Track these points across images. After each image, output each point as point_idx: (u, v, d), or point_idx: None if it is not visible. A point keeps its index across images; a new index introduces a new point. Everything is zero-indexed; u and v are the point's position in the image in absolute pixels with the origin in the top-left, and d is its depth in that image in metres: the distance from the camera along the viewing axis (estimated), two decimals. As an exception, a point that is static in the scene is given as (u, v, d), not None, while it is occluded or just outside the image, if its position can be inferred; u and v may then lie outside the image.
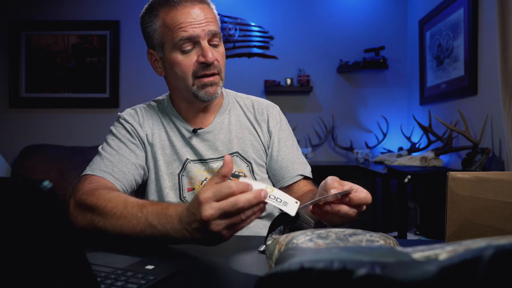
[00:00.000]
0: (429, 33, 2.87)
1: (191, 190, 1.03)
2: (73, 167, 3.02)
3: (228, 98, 1.13)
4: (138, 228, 0.71)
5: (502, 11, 1.79)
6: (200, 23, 0.94)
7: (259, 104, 1.14)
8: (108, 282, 0.58)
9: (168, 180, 1.02)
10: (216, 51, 0.97)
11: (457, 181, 0.80)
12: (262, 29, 3.35)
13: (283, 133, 1.12)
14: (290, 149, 1.11)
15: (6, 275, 0.43)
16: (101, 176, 0.92)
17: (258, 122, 1.11)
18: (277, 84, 3.25)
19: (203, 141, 1.05)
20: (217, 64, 0.98)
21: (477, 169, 1.91)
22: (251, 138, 1.09)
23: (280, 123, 1.13)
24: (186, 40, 0.94)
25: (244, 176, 1.05)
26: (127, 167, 0.97)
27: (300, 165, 1.10)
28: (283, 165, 1.09)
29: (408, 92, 3.34)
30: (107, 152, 0.98)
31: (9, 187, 0.40)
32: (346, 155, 3.36)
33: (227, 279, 0.63)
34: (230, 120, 1.09)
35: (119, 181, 0.94)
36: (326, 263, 0.37)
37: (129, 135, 1.02)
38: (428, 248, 0.41)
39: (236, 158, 1.06)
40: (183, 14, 0.94)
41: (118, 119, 1.06)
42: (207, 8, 0.98)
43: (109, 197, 0.78)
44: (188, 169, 1.03)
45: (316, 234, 0.54)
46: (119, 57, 3.35)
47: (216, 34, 0.97)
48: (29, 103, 3.35)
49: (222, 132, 1.07)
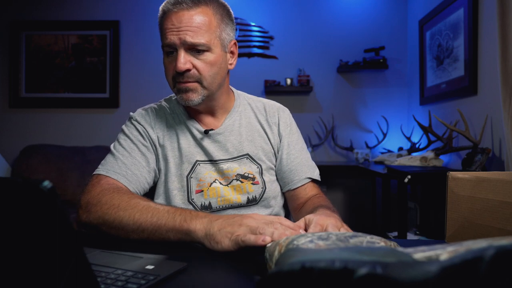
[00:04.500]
0: (429, 33, 2.87)
1: (199, 192, 1.02)
2: (73, 167, 3.01)
3: (239, 99, 1.14)
4: (155, 219, 0.79)
5: (502, 11, 1.79)
6: (179, 30, 0.93)
7: (270, 107, 1.15)
8: (108, 282, 0.57)
9: (176, 182, 1.03)
10: (198, 60, 0.95)
11: (457, 181, 0.80)
12: (262, 29, 3.34)
13: (293, 136, 1.14)
14: (299, 152, 1.12)
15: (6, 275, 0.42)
16: (115, 178, 0.94)
17: (269, 124, 1.12)
18: (277, 84, 3.25)
19: (214, 142, 1.05)
20: (194, 73, 0.96)
21: (477, 169, 1.91)
22: (261, 140, 1.10)
23: (290, 126, 1.14)
24: (166, 46, 0.96)
25: (253, 177, 1.06)
26: (139, 170, 0.99)
27: (308, 168, 1.12)
28: (292, 168, 1.10)
29: (408, 92, 3.34)
30: (120, 153, 0.99)
31: (9, 187, 0.40)
32: (346, 155, 3.36)
33: (227, 279, 0.63)
34: (240, 122, 1.10)
35: (133, 184, 0.96)
36: (327, 263, 0.37)
37: (141, 137, 1.03)
38: (429, 249, 0.41)
39: (246, 160, 1.06)
40: (169, 19, 0.95)
41: (130, 119, 1.07)
42: (198, 15, 0.94)
43: (129, 196, 0.86)
44: (197, 171, 1.03)
45: (316, 236, 0.54)
46: (119, 57, 3.35)
47: (194, 44, 0.93)
48: (29, 103, 3.35)
49: (233, 134, 1.07)
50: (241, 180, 1.04)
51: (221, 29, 0.98)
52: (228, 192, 1.03)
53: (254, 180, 1.05)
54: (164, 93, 1.15)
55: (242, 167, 1.05)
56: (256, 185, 1.06)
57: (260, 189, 1.06)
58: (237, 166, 1.05)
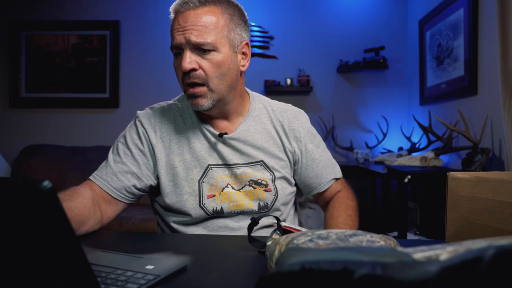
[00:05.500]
0: (429, 33, 2.87)
1: (211, 197, 1.01)
2: (73, 167, 3.01)
3: (255, 103, 1.10)
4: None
5: (502, 11, 1.79)
6: (184, 30, 0.92)
7: (288, 112, 1.12)
8: (108, 282, 0.57)
9: (187, 187, 1.01)
10: (204, 60, 0.93)
11: (457, 181, 0.80)
12: (262, 29, 3.35)
13: (314, 140, 1.13)
14: (322, 155, 1.13)
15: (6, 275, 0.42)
16: (98, 184, 0.99)
17: (285, 131, 1.09)
18: (277, 84, 3.25)
19: (228, 146, 1.03)
20: (200, 74, 0.93)
21: (477, 169, 1.91)
22: (275, 149, 1.07)
23: (310, 130, 1.13)
24: (173, 47, 0.95)
25: (266, 184, 1.04)
26: (127, 177, 1.00)
27: (332, 168, 1.14)
28: (318, 173, 1.11)
29: (408, 92, 3.34)
30: (112, 159, 1.02)
31: (9, 187, 0.40)
32: (346, 155, 3.36)
33: (227, 279, 0.63)
34: (256, 128, 1.06)
35: (117, 191, 1.00)
36: (327, 264, 0.37)
37: (139, 141, 1.03)
38: (429, 249, 0.41)
39: (260, 166, 1.04)
40: (176, 20, 0.94)
41: (135, 119, 1.06)
42: (205, 14, 0.92)
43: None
44: (209, 175, 1.02)
45: (316, 235, 0.54)
46: (119, 57, 3.35)
47: (199, 44, 0.91)
48: (29, 103, 3.35)
49: (248, 140, 1.04)
50: (254, 186, 1.03)
51: (229, 28, 0.95)
52: (240, 197, 1.02)
53: (267, 187, 1.03)
54: (164, 93, 1.15)
55: (256, 173, 1.03)
56: (269, 192, 1.03)
57: (272, 196, 1.04)
58: (251, 172, 1.03)
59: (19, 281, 0.42)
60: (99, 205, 0.96)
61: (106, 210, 0.98)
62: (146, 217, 2.56)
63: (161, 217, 1.08)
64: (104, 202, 0.99)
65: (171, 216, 1.04)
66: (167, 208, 1.03)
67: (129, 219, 2.51)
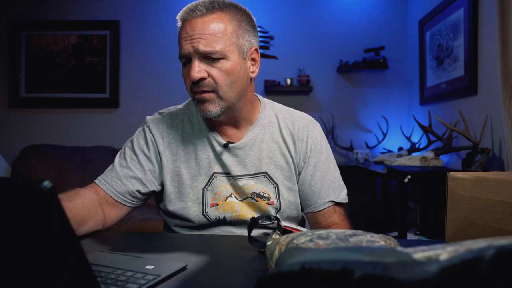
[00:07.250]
0: (429, 33, 2.87)
1: (214, 206, 1.00)
2: (73, 167, 3.01)
3: (265, 111, 1.07)
4: None
5: (502, 11, 1.79)
6: (192, 38, 0.90)
7: (300, 121, 1.07)
8: (108, 282, 0.58)
9: (192, 194, 1.00)
10: (213, 68, 0.91)
11: (457, 181, 0.80)
12: (262, 29, 3.34)
13: (321, 156, 1.06)
14: (325, 173, 1.05)
15: (6, 275, 0.42)
16: (103, 188, 1.00)
17: (294, 141, 1.05)
18: (277, 84, 3.25)
19: (232, 156, 1.01)
20: (210, 82, 0.91)
21: (477, 169, 1.91)
22: (281, 159, 1.03)
23: (320, 144, 1.06)
24: (181, 57, 0.93)
25: (268, 197, 1.02)
26: (131, 182, 1.01)
27: (333, 190, 1.06)
28: (315, 190, 1.04)
29: (408, 92, 3.34)
30: (119, 163, 1.03)
31: (9, 187, 0.40)
32: (346, 155, 3.36)
33: (227, 279, 0.63)
34: (263, 137, 1.03)
35: (120, 195, 1.00)
36: (327, 264, 0.37)
37: (146, 147, 1.02)
38: (429, 249, 0.41)
39: (263, 178, 1.02)
40: (184, 28, 0.92)
41: (144, 124, 1.06)
42: (212, 21, 0.90)
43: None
44: (213, 183, 1.01)
45: (316, 235, 0.54)
46: (119, 57, 3.35)
47: (207, 53, 0.89)
48: (29, 103, 3.34)
49: (253, 149, 1.02)
50: (256, 199, 1.01)
51: (238, 35, 0.92)
52: (243, 207, 1.01)
53: (269, 200, 1.01)
54: (164, 93, 1.15)
55: (259, 185, 1.01)
56: (271, 205, 1.02)
57: (275, 210, 1.02)
58: (254, 184, 1.01)
59: (19, 281, 0.42)
60: (103, 207, 0.97)
61: (110, 213, 0.99)
62: (146, 217, 2.56)
63: (164, 219, 1.09)
64: (108, 205, 0.99)
65: (174, 220, 1.04)
66: (170, 214, 1.03)
67: (129, 219, 2.51)
